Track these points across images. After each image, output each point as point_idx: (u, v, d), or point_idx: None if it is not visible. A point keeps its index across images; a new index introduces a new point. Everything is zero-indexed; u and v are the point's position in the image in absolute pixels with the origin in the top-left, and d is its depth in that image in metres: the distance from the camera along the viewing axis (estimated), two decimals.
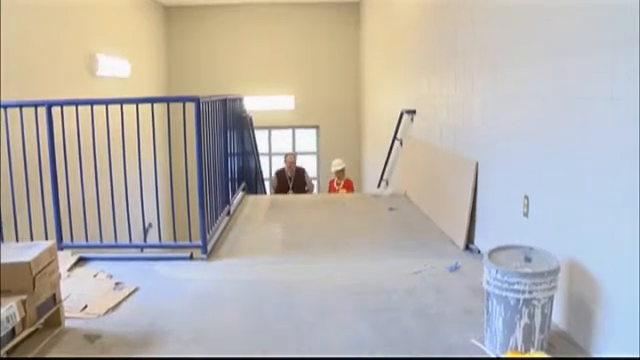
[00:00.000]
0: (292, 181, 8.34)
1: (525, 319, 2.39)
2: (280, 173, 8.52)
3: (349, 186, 8.35)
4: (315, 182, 11.85)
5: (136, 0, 9.35)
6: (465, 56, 4.28)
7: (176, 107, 4.11)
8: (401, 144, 6.79)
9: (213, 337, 2.77)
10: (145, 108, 4.05)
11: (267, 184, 9.66)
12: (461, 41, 4.37)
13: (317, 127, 11.40)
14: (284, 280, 3.54)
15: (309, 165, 10.58)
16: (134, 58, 8.70)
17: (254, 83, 10.77)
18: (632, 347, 2.12)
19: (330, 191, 8.45)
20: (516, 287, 2.37)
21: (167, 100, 4.13)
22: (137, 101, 4.03)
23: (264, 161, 10.25)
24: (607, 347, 2.32)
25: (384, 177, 7.69)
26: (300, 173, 8.50)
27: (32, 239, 3.96)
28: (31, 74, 5.34)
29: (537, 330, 2.40)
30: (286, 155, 8.65)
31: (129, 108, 4.01)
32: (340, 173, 8.30)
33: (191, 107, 3.94)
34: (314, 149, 11.52)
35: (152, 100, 4.26)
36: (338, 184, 8.34)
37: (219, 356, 2.56)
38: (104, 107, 4.03)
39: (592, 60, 2.43)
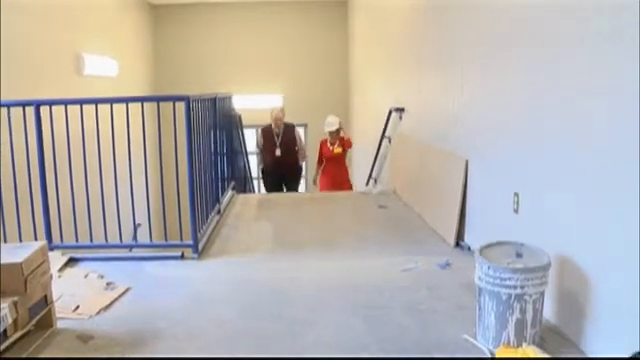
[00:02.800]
0: (280, 138, 7.30)
1: (517, 314, 2.42)
2: (266, 130, 7.42)
3: (347, 144, 7.37)
4: (303, 180, 11.85)
5: None
6: (454, 53, 4.30)
7: (166, 106, 4.10)
8: (390, 142, 6.81)
9: (206, 335, 2.77)
10: (134, 107, 4.03)
11: (256, 183, 9.59)
12: (450, 38, 4.40)
13: (305, 125, 11.39)
14: (276, 278, 3.55)
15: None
16: (122, 57, 8.64)
17: (243, 82, 10.74)
18: (622, 340, 2.16)
19: (322, 154, 7.43)
20: (508, 283, 2.41)
21: (157, 99, 4.12)
22: (127, 100, 4.01)
23: (253, 160, 10.21)
24: (597, 340, 2.36)
25: (373, 175, 7.71)
26: (289, 129, 7.43)
27: (21, 240, 3.93)
28: (17, 74, 5.28)
29: (529, 325, 2.43)
30: (272, 110, 7.45)
31: (118, 107, 3.99)
32: (335, 134, 7.30)
33: (181, 106, 3.93)
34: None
35: (142, 99, 4.24)
36: (332, 144, 7.32)
37: (215, 356, 2.57)
38: (93, 106, 4.00)
39: (583, 57, 2.46)
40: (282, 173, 7.36)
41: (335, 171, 7.42)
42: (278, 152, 7.26)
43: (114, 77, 8.25)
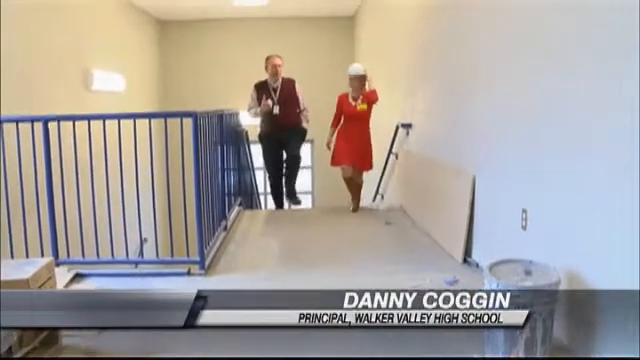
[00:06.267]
0: (277, 94, 6.11)
1: (527, 332, 2.39)
2: (260, 85, 6.22)
3: (372, 96, 5.92)
4: (309, 196, 11.82)
5: (131, 15, 9.38)
6: (461, 68, 4.31)
7: (173, 122, 4.11)
8: (396, 158, 6.81)
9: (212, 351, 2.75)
10: (142, 123, 4.05)
11: (262, 199, 9.57)
12: (456, 53, 4.41)
13: (312, 141, 11.41)
14: None
15: (303, 179, 10.43)
16: (129, 73, 8.71)
17: (248, 96, 10.79)
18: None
19: (341, 112, 6.06)
20: (517, 301, 2.38)
21: (165, 115, 4.14)
22: (134, 116, 4.03)
23: (260, 175, 10.21)
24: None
25: (379, 191, 7.69)
26: (290, 85, 6.21)
27: (27, 255, 3.94)
28: (26, 89, 5.33)
29: (539, 343, 2.40)
30: (268, 57, 6.25)
31: (126, 123, 4.01)
32: (358, 82, 5.88)
33: (189, 122, 3.95)
34: (309, 163, 11.52)
35: (150, 115, 4.27)
36: (355, 99, 5.92)
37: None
38: (101, 122, 4.02)
39: (591, 69, 2.45)
40: (281, 136, 6.16)
41: (358, 135, 5.98)
42: (276, 110, 6.04)
43: (121, 92, 8.32)
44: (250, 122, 8.38)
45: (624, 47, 2.19)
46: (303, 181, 8.84)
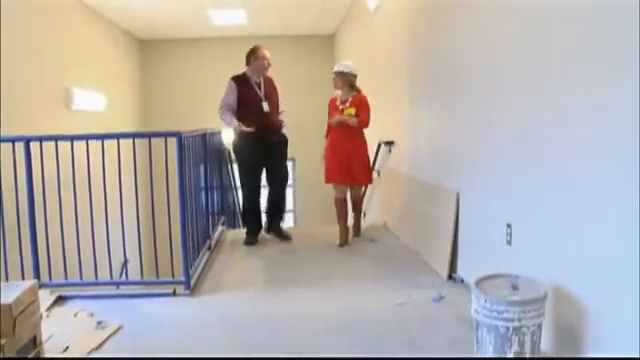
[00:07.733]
0: (262, 90, 5.36)
1: (515, 347, 2.41)
2: (241, 79, 5.39)
3: (361, 104, 5.19)
4: (292, 214, 11.79)
5: (112, 34, 9.36)
6: (444, 86, 4.36)
7: (156, 141, 4.09)
8: (379, 175, 6.84)
9: None
10: (125, 142, 4.03)
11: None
12: (440, 70, 4.46)
13: (293, 159, 11.43)
14: (269, 317, 3.49)
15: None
16: (110, 92, 8.67)
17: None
18: None
19: (330, 117, 5.34)
20: (505, 315, 2.40)
21: (149, 135, 4.11)
22: (118, 136, 4.00)
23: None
24: None
25: (363, 208, 7.70)
26: (270, 81, 5.58)
27: (7, 278, 3.87)
28: (6, 109, 5.27)
29: (527, 357, 2.42)
30: (256, 48, 5.62)
31: (109, 142, 3.99)
32: (339, 80, 5.23)
33: (173, 142, 3.94)
34: (290, 182, 11.51)
35: (134, 135, 4.25)
36: (343, 102, 5.24)
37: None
38: (84, 142, 3.98)
39: (576, 84, 2.50)
40: (269, 140, 5.28)
41: (348, 143, 5.23)
42: (266, 107, 5.25)
43: (102, 111, 8.27)
44: (231, 141, 8.33)
45: (618, 66, 2.24)
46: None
